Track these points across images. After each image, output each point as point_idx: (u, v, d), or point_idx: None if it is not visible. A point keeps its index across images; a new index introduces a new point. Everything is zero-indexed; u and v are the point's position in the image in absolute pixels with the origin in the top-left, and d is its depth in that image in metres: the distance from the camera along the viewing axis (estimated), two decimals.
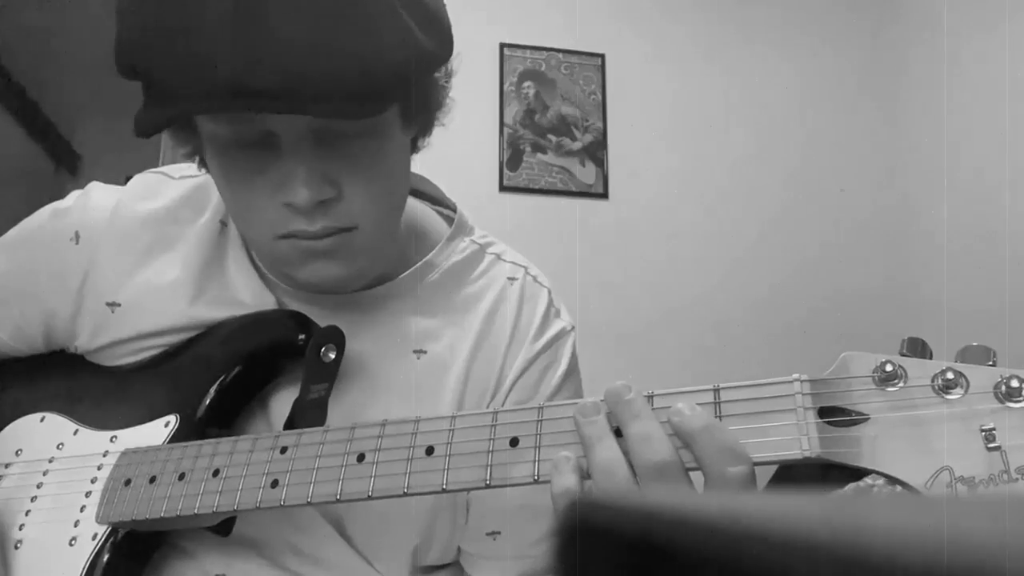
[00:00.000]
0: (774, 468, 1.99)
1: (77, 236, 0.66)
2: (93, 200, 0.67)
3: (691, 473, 0.42)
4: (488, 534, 0.65)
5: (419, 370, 0.65)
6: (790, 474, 1.92)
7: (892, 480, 0.38)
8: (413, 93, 0.57)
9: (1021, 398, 0.36)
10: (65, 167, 2.34)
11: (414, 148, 0.66)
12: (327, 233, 0.56)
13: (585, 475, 0.44)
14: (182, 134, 0.59)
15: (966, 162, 2.26)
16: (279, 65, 0.47)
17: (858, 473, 1.46)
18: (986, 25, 2.21)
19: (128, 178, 0.70)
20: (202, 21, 0.47)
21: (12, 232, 0.70)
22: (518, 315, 0.69)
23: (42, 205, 0.70)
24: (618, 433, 0.44)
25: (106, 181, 0.72)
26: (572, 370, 0.70)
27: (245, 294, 0.65)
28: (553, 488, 0.44)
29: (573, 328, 0.71)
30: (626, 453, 0.43)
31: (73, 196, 0.69)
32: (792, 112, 2.49)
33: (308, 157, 0.53)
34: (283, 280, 0.66)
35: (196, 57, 0.47)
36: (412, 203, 0.72)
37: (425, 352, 0.66)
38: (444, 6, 0.58)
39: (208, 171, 0.61)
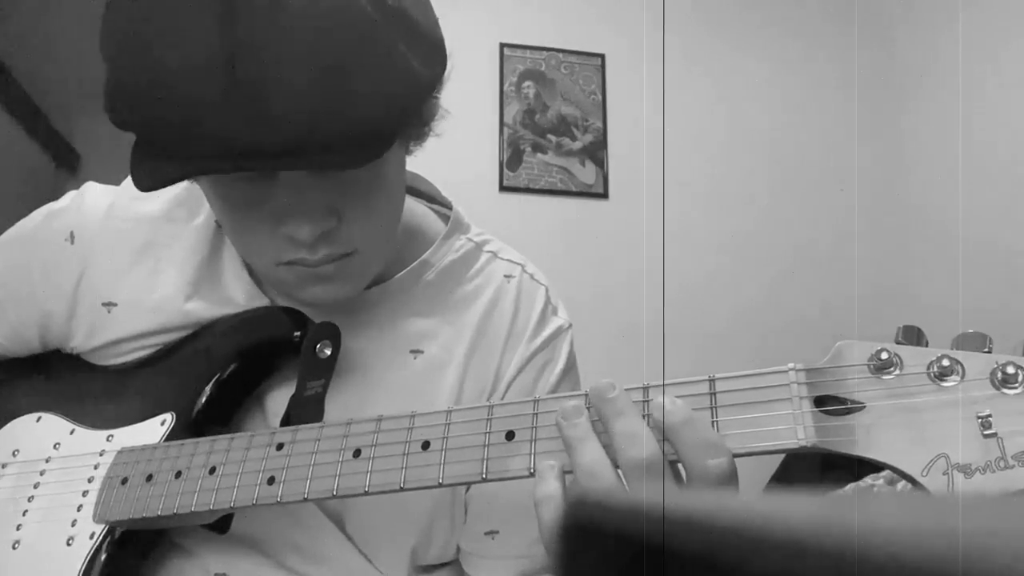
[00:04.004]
0: (773, 467, 2.00)
1: (72, 236, 0.65)
2: (88, 201, 0.67)
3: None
4: (487, 533, 0.65)
5: (416, 370, 0.65)
6: (789, 474, 1.93)
7: (892, 473, 0.37)
8: (411, 120, 0.56)
9: (1017, 384, 0.36)
10: (65, 166, 2.33)
11: (407, 152, 0.65)
12: (328, 260, 0.55)
13: (568, 471, 0.44)
14: None
15: (963, 154, 2.25)
16: (282, 124, 0.45)
17: (858, 472, 1.45)
18: (977, 17, 2.21)
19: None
20: (198, 80, 0.44)
21: (7, 233, 0.70)
22: (515, 313, 0.68)
23: (41, 204, 0.70)
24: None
25: (106, 180, 0.72)
26: (570, 368, 0.69)
27: (239, 294, 0.65)
28: (535, 495, 0.43)
29: (570, 325, 0.71)
30: (608, 448, 0.42)
31: (68, 197, 0.69)
32: (792, 110, 2.49)
33: (308, 189, 0.52)
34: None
35: (195, 119, 0.45)
36: (408, 202, 0.71)
37: (422, 352, 0.65)
38: (436, 21, 0.56)
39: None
